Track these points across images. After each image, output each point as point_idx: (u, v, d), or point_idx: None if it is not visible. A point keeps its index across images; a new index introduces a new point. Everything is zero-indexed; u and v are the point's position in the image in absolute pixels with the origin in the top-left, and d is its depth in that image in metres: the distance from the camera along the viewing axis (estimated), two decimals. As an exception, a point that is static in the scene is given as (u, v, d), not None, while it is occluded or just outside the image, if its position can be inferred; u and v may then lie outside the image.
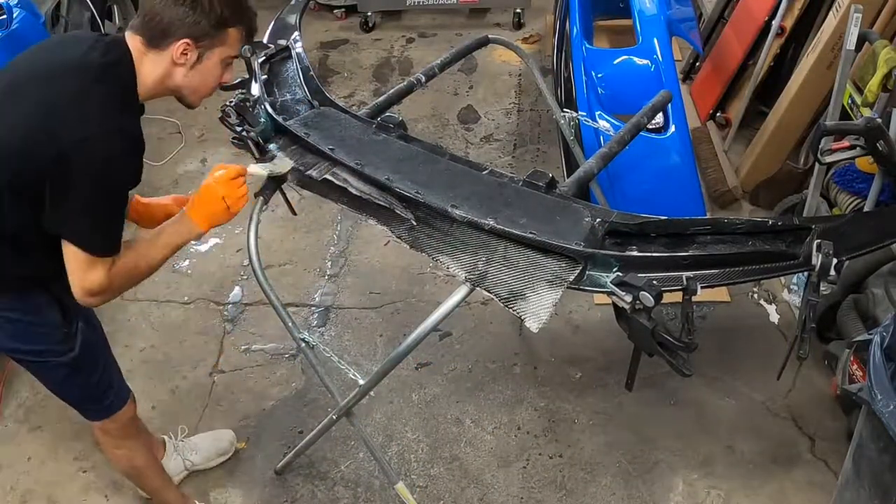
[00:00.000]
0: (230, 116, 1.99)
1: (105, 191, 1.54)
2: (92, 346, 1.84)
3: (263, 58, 2.20)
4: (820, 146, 2.04)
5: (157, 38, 1.59)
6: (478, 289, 1.65)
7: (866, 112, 2.44)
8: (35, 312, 1.72)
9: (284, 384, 2.66)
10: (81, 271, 1.56)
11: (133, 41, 1.61)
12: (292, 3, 2.59)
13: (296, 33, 2.39)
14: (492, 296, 1.62)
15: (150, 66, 1.61)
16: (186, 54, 1.60)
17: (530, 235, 1.63)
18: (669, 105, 2.43)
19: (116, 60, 1.58)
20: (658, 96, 2.26)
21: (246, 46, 2.18)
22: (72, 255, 1.56)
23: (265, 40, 2.33)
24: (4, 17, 2.90)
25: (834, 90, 2.44)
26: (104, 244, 1.58)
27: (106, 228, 1.58)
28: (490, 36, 2.65)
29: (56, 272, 1.60)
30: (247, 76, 2.22)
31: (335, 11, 5.01)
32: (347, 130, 1.99)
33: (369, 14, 4.85)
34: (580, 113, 2.57)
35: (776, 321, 2.81)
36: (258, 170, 1.84)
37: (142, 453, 2.09)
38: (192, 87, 1.67)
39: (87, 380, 1.86)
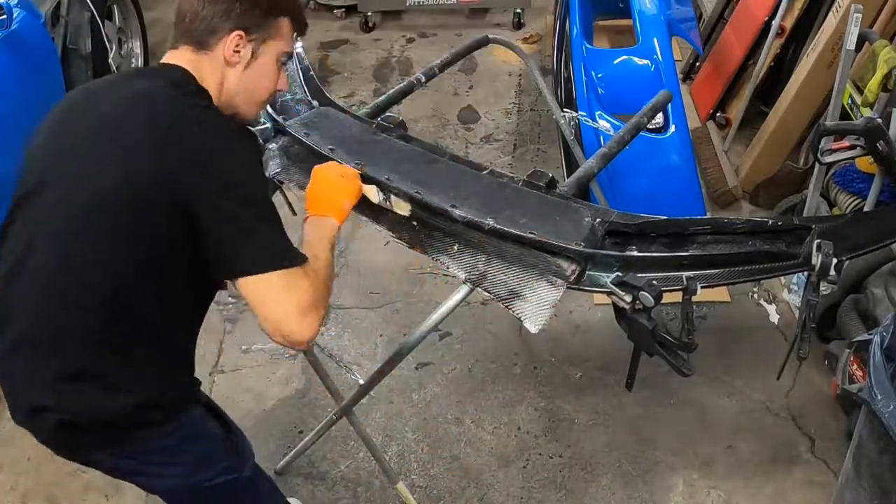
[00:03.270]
0: (230, 116, 1.99)
1: (256, 196, 1.34)
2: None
3: (263, 57, 2.19)
4: (820, 146, 2.04)
5: (205, 38, 1.39)
6: (478, 289, 1.65)
7: (866, 112, 2.44)
8: (197, 435, 1.50)
9: (284, 384, 2.65)
10: (284, 299, 1.29)
11: (181, 55, 1.41)
12: (292, 3, 2.59)
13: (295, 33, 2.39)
14: (492, 296, 1.62)
15: (208, 72, 1.41)
16: (239, 50, 1.40)
17: (530, 235, 1.63)
18: (669, 105, 2.43)
19: (182, 79, 1.38)
20: (658, 96, 2.26)
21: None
22: (265, 288, 1.29)
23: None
24: (4, 17, 2.89)
25: (834, 90, 2.44)
26: (292, 250, 1.34)
27: (281, 231, 1.34)
28: (490, 36, 2.65)
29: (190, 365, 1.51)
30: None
31: (335, 11, 5.02)
32: (347, 130, 1.99)
33: (369, 14, 4.85)
34: (580, 113, 2.57)
35: (776, 321, 2.81)
36: (372, 191, 1.69)
37: None
38: (249, 90, 1.45)
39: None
